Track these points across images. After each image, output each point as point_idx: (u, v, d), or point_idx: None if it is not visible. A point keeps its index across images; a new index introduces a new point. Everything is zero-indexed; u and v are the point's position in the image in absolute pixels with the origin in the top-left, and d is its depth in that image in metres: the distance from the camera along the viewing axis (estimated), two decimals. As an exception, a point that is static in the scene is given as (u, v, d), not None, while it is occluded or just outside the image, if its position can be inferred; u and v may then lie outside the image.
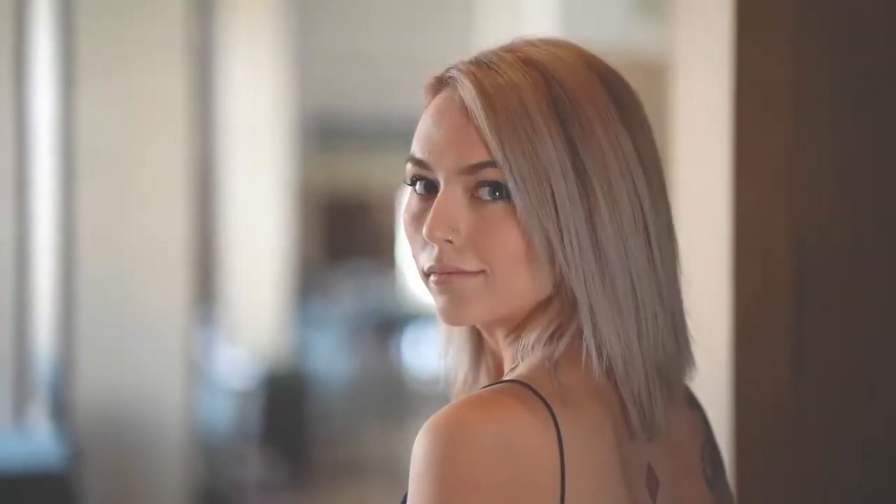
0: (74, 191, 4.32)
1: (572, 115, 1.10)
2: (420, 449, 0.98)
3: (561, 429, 0.99)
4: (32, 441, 3.97)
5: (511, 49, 1.18)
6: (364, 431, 8.42)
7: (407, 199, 1.19)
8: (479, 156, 1.12)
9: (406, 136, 1.17)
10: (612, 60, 1.13)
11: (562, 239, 1.08)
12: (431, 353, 10.60)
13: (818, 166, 1.44)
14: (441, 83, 1.20)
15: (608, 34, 4.88)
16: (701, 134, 1.49)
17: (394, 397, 9.48)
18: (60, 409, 4.39)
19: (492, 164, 1.11)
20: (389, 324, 10.85)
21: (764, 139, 1.41)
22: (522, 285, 1.11)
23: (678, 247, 1.16)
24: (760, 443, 1.40)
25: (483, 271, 1.11)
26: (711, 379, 1.30)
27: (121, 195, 4.33)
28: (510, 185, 1.09)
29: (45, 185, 4.54)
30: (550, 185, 1.08)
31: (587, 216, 1.08)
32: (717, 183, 1.43)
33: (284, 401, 6.93)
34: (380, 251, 14.33)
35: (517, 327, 1.15)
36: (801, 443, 1.43)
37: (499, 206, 1.11)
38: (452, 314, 1.12)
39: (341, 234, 14.39)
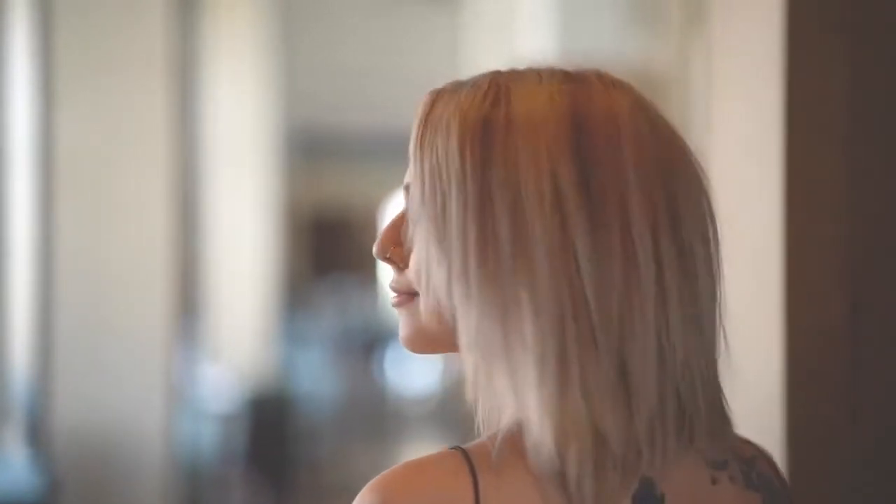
0: (52, 206, 4.27)
1: (498, 137, 1.03)
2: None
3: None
4: (8, 469, 3.89)
5: (494, 70, 1.12)
6: (349, 453, 8.36)
7: None
8: (407, 175, 1.10)
9: (390, 152, 1.05)
10: (609, 70, 1.00)
11: (438, 264, 1.03)
12: (415, 371, 10.53)
13: (874, 192, 1.32)
14: None
15: (603, 45, 4.83)
16: (743, 160, 1.37)
17: (378, 418, 9.42)
18: (37, 435, 4.31)
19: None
20: (373, 342, 10.80)
21: (817, 164, 1.29)
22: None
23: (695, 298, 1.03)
24: (816, 493, 1.30)
25: (415, 293, 1.08)
26: (763, 428, 1.18)
27: (100, 211, 4.28)
28: (412, 202, 1.07)
29: (22, 199, 4.47)
30: (444, 205, 1.02)
31: (472, 243, 1.01)
32: (766, 213, 1.30)
33: (268, 423, 6.92)
34: (363, 268, 14.29)
35: None
36: (858, 493, 1.35)
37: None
38: (401, 339, 1.11)
39: (324, 251, 14.33)
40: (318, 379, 8.92)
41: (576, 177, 1.01)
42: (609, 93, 1.08)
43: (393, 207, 14.78)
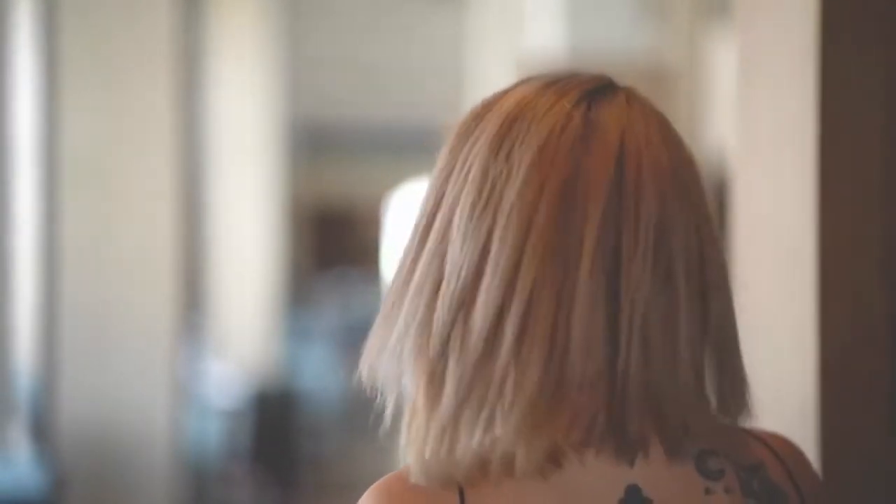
0: (57, 203, 4.25)
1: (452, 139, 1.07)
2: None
3: None
4: (13, 467, 3.89)
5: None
6: (353, 448, 8.33)
7: None
8: None
9: (394, 147, 1.02)
10: (616, 66, 0.96)
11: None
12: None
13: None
14: None
15: (612, 40, 4.80)
16: (773, 153, 1.33)
17: (383, 413, 9.39)
18: (42, 432, 4.29)
19: None
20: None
21: (853, 156, 1.25)
22: None
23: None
24: (850, 504, 1.26)
25: None
26: (796, 440, 1.14)
27: (105, 208, 4.27)
28: None
29: (27, 196, 4.45)
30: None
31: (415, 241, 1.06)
32: (798, 209, 1.26)
33: (273, 419, 6.89)
34: (366, 263, 14.26)
35: None
36: (893, 504, 1.30)
37: None
38: None
39: (328, 246, 14.31)
40: (321, 375, 8.90)
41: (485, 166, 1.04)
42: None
43: (398, 202, 14.73)
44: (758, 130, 1.37)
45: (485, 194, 1.01)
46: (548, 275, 0.99)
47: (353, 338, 11.24)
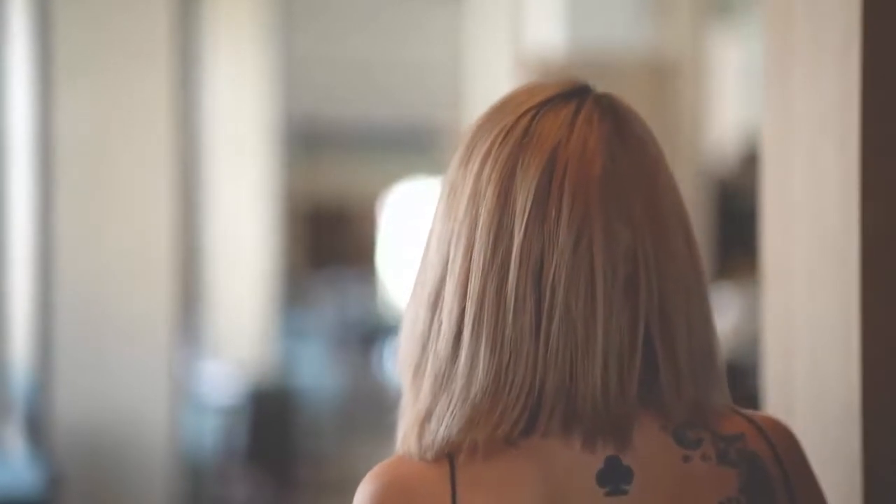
0: (52, 201, 4.22)
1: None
2: (358, 491, 1.12)
3: (457, 487, 1.08)
4: (8, 466, 3.86)
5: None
6: (350, 446, 8.33)
7: None
8: None
9: (389, 144, 1.01)
10: (617, 62, 0.94)
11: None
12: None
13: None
14: None
15: (614, 36, 4.77)
16: (810, 140, 1.28)
17: (378, 410, 9.37)
18: (38, 431, 4.27)
19: None
20: (371, 335, 10.77)
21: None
22: None
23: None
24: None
25: None
26: (839, 440, 1.10)
27: (100, 205, 4.25)
28: None
29: (21, 193, 4.43)
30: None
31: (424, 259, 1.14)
32: (840, 199, 1.22)
33: (269, 417, 6.88)
34: (361, 260, 14.24)
35: None
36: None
37: None
38: None
39: (322, 243, 14.28)
40: (317, 372, 8.89)
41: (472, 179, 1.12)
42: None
43: (393, 200, 14.69)
44: (792, 117, 1.33)
45: (449, 203, 1.11)
46: (490, 279, 1.08)
47: (348, 335, 11.25)
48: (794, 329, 1.22)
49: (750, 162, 6.83)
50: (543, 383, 1.07)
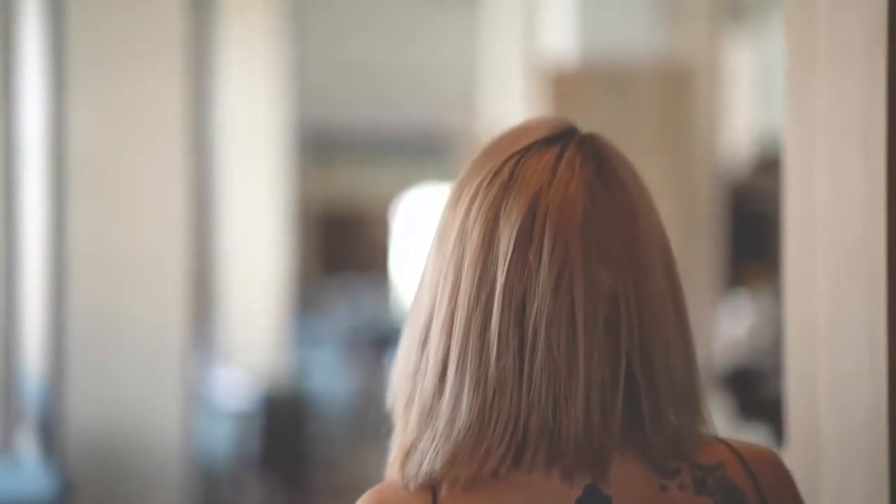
0: (65, 206, 4.24)
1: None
2: None
3: None
4: (21, 472, 3.88)
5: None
6: (363, 452, 8.32)
7: None
8: None
9: (402, 149, 1.00)
10: (631, 67, 0.92)
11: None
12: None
13: None
14: None
15: (627, 42, 4.76)
16: (833, 145, 1.25)
17: (391, 417, 9.38)
18: (50, 436, 4.27)
19: None
20: (384, 340, 10.76)
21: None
22: None
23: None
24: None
25: None
26: (866, 444, 1.09)
27: (114, 211, 4.26)
28: None
29: (34, 199, 4.43)
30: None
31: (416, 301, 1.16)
32: (865, 204, 1.19)
33: (282, 422, 6.89)
34: (373, 266, 14.25)
35: None
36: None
37: None
38: None
39: (335, 249, 14.29)
40: (330, 378, 8.89)
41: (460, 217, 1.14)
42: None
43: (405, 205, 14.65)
44: (814, 121, 1.30)
45: (439, 243, 1.14)
46: (474, 320, 1.10)
47: (361, 341, 11.23)
48: (817, 339, 1.20)
49: (764, 167, 6.80)
50: (527, 422, 1.09)
